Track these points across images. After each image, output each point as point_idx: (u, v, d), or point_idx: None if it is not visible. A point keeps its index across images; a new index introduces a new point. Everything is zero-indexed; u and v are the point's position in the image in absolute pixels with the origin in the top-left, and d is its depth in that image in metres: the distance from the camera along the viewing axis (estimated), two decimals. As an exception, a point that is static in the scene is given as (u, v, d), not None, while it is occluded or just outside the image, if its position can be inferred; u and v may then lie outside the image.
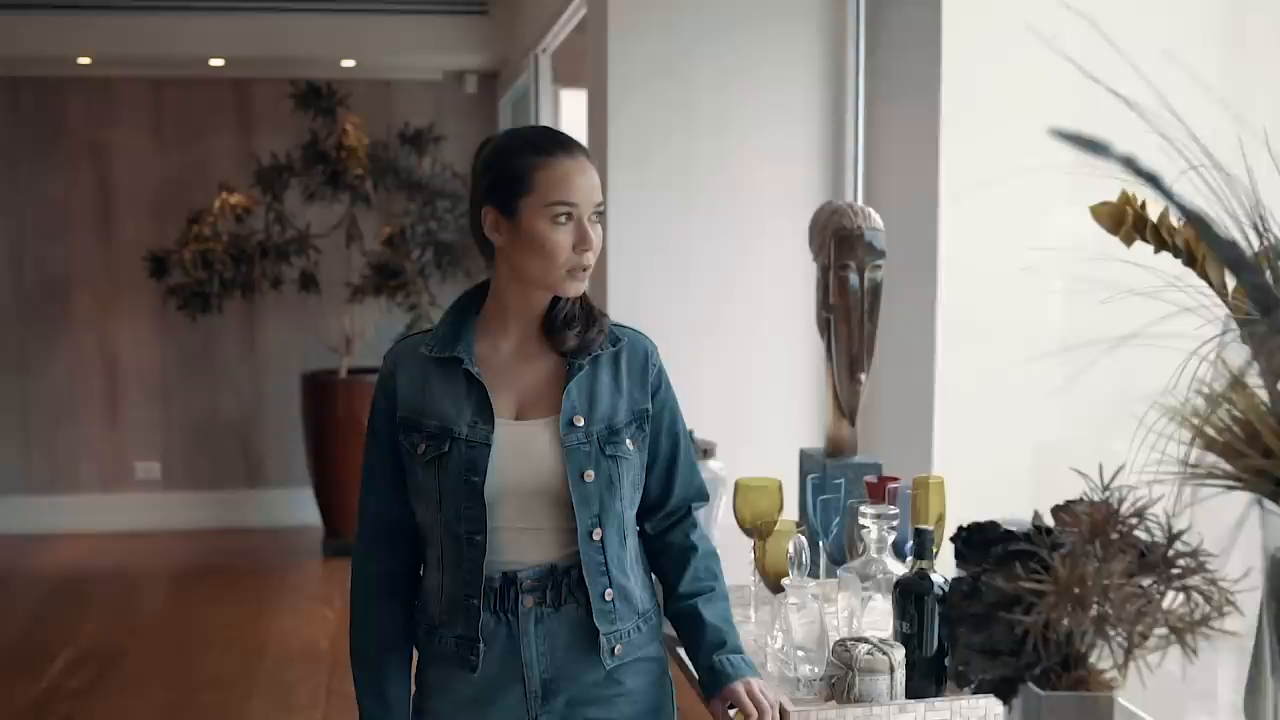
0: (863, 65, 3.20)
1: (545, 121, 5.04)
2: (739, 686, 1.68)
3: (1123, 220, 1.28)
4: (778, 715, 1.66)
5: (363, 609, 1.78)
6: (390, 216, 6.23)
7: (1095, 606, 1.13)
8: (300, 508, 6.42)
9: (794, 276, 2.88)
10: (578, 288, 1.70)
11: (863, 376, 2.57)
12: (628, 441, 1.72)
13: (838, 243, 2.52)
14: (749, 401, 3.11)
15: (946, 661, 1.76)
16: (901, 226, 2.92)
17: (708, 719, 1.84)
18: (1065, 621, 1.15)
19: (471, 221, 1.76)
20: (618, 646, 1.73)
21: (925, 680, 1.79)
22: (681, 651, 1.97)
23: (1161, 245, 1.30)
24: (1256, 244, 1.22)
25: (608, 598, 1.71)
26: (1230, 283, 1.30)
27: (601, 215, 1.70)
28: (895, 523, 1.96)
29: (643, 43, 3.22)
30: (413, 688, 1.80)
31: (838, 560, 2.14)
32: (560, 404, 1.70)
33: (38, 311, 6.42)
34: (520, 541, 1.69)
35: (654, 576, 1.87)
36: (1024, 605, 1.17)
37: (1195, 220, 0.87)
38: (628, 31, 3.23)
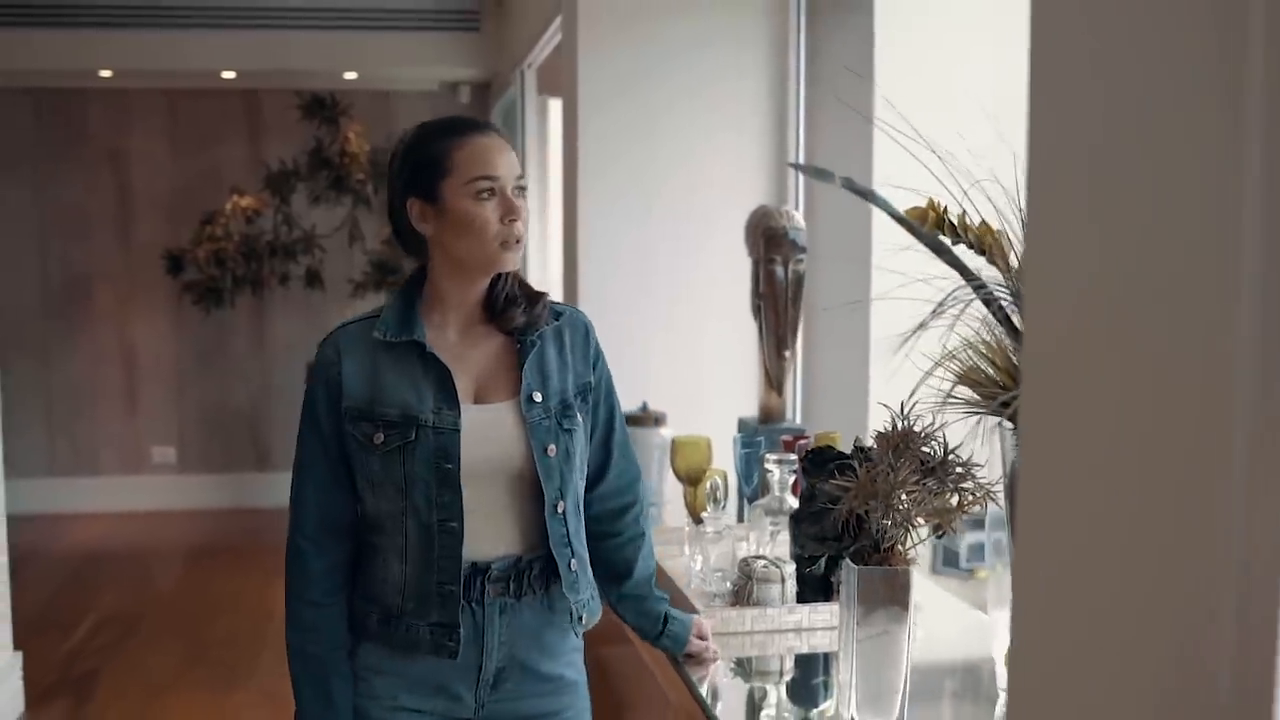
0: (803, 79, 3.60)
1: (531, 129, 5.40)
2: (705, 621, 1.93)
3: (925, 220, 1.70)
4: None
5: (307, 608, 1.71)
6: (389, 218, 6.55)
7: (887, 501, 1.56)
8: (305, 490, 6.70)
9: (738, 270, 3.28)
10: (513, 259, 1.69)
11: (788, 353, 2.99)
12: (578, 414, 1.74)
13: (766, 240, 2.94)
14: (699, 376, 3.51)
15: (832, 578, 2.19)
16: (839, 222, 3.31)
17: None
18: (869, 512, 1.58)
19: (393, 220, 1.75)
20: (583, 615, 1.77)
21: (815, 591, 2.21)
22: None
23: (958, 239, 1.73)
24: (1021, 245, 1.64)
25: (572, 568, 1.74)
26: (1014, 265, 1.72)
27: (523, 190, 1.70)
28: (794, 467, 2.38)
29: (609, 64, 3.61)
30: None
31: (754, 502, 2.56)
32: (517, 383, 1.70)
33: (61, 307, 6.64)
34: (487, 528, 1.69)
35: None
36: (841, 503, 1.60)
37: (903, 222, 1.28)
38: (595, 53, 3.61)
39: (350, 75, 6.51)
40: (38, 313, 6.63)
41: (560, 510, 1.71)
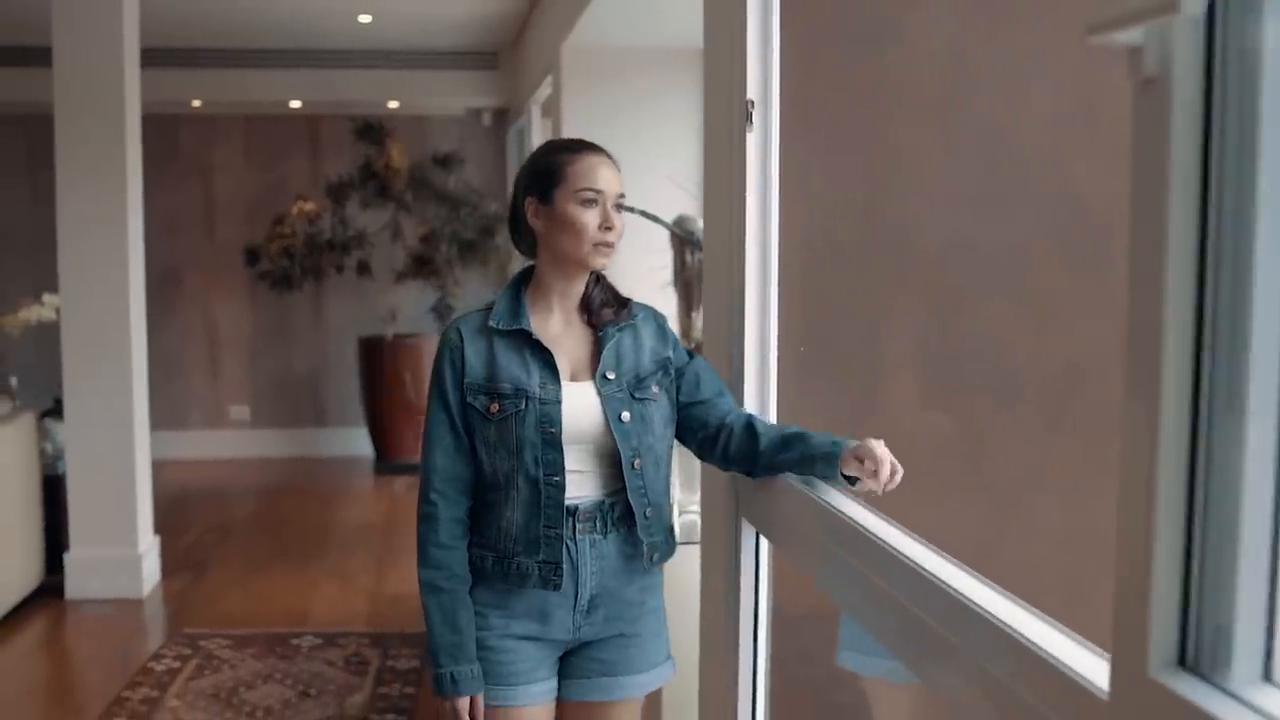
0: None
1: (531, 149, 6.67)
2: (872, 443, 1.68)
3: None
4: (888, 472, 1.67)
5: (437, 549, 1.92)
6: (425, 220, 7.41)
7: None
8: (356, 442, 7.74)
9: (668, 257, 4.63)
10: (604, 262, 1.92)
11: (694, 315, 4.35)
12: (654, 387, 1.95)
13: (681, 238, 4.30)
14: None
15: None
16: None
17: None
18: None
19: (512, 219, 1.99)
20: (655, 554, 1.98)
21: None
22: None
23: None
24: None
25: (647, 515, 1.95)
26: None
27: (622, 207, 1.93)
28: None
29: (585, 107, 4.94)
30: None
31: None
32: (598, 367, 1.94)
33: (156, 292, 7.46)
34: (576, 480, 1.91)
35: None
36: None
37: (659, 221, 2.63)
38: (575, 98, 4.96)
39: (394, 104, 7.48)
40: (139, 296, 7.90)
41: (636, 466, 1.92)
